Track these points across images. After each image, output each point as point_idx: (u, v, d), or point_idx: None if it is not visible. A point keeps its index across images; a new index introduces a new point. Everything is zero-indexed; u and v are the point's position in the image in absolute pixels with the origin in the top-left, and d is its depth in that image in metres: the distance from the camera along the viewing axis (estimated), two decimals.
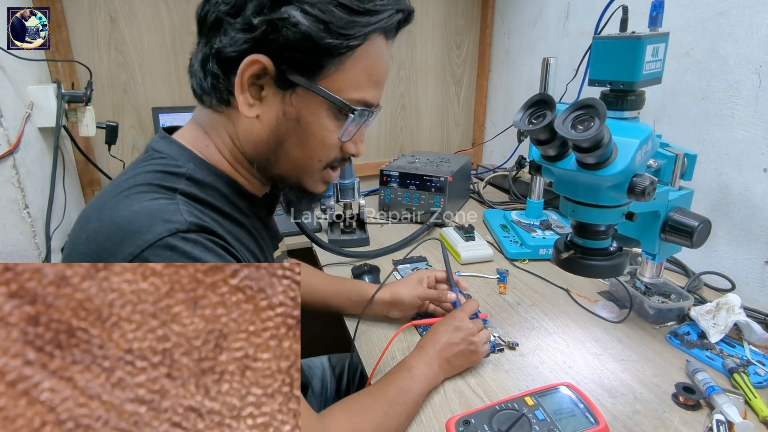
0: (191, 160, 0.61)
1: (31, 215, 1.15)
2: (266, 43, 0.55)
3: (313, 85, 0.58)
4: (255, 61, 0.55)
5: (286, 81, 0.57)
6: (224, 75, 0.58)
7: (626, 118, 0.73)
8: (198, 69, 0.60)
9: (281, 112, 0.59)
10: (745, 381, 0.78)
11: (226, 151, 0.64)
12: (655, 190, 0.65)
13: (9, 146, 1.08)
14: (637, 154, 0.65)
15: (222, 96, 0.60)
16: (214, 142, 0.64)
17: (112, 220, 0.51)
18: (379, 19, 0.58)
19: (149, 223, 0.49)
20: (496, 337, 0.93)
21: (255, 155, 0.63)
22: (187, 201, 0.55)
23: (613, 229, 0.75)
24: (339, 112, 0.61)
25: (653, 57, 0.71)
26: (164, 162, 0.60)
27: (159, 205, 0.52)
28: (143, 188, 0.55)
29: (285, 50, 0.55)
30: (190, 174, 0.59)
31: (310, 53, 0.56)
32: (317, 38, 0.54)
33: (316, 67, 0.57)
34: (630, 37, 0.69)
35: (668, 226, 0.80)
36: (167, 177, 0.57)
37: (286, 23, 0.54)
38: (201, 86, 0.61)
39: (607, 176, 0.65)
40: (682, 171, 0.85)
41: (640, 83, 0.70)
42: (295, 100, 0.59)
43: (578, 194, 0.72)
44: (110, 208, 0.53)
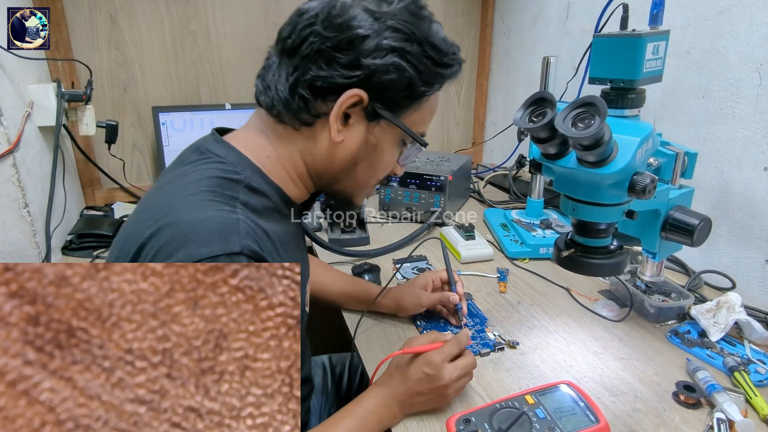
0: (249, 167, 0.65)
1: (31, 214, 1.15)
2: (367, 80, 0.61)
3: (398, 120, 0.66)
4: (356, 95, 0.62)
5: (374, 114, 0.65)
6: (314, 100, 0.63)
7: (627, 117, 0.73)
8: (284, 89, 0.63)
9: (364, 139, 0.66)
10: (745, 379, 0.78)
11: (288, 163, 0.69)
12: (655, 188, 0.65)
13: (9, 145, 1.08)
14: (638, 152, 0.64)
15: (306, 118, 0.65)
16: (277, 152, 0.68)
17: (177, 225, 0.55)
18: (452, 71, 0.67)
19: (208, 238, 0.53)
20: (496, 336, 0.93)
21: (326, 173, 0.70)
22: (245, 211, 0.60)
23: (613, 228, 0.75)
24: (404, 142, 0.70)
25: (653, 55, 0.71)
26: (224, 167, 0.63)
27: (221, 217, 0.56)
28: (207, 194, 0.59)
29: (383, 90, 0.63)
30: (248, 182, 0.63)
31: (403, 95, 0.64)
32: (414, 84, 0.64)
33: (402, 106, 0.66)
34: (630, 35, 0.69)
35: (669, 224, 0.80)
36: (228, 184, 0.62)
37: (393, 69, 0.61)
38: (285, 105, 0.64)
39: (608, 174, 0.64)
40: (682, 169, 0.85)
41: (641, 81, 0.70)
42: (378, 131, 0.67)
43: (579, 192, 0.72)
44: (176, 209, 0.57)
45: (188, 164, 0.65)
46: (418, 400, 0.73)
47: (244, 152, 0.66)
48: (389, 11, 0.61)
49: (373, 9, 0.61)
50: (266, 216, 0.63)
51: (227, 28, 1.66)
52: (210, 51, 1.66)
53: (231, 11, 1.64)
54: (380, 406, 0.72)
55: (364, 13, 0.61)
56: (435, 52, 0.64)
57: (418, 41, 0.62)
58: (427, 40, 0.63)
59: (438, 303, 0.97)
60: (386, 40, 0.60)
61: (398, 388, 0.73)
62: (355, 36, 0.60)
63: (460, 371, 0.74)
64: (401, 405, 0.73)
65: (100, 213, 1.50)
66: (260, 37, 1.70)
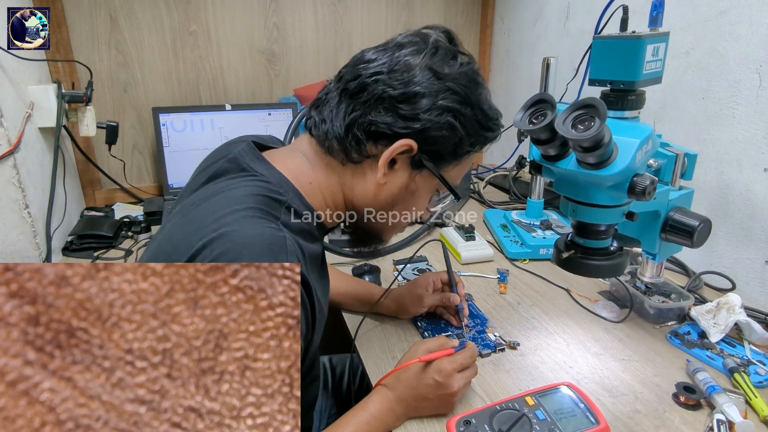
0: (290, 190, 0.68)
1: (31, 215, 1.15)
2: (421, 134, 0.65)
3: (438, 173, 0.70)
4: (408, 144, 0.65)
5: (419, 164, 0.68)
6: (366, 141, 0.66)
7: (627, 118, 0.73)
8: (340, 126, 0.67)
9: (404, 185, 0.70)
10: (745, 380, 0.78)
11: (328, 192, 0.72)
12: (655, 189, 0.65)
13: (9, 146, 1.08)
14: (638, 153, 0.64)
15: (356, 157, 0.68)
16: (319, 180, 0.71)
17: (230, 238, 0.56)
18: (494, 135, 0.72)
19: (260, 254, 0.55)
20: (497, 337, 0.92)
21: (362, 209, 0.73)
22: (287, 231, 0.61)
23: (613, 229, 0.75)
24: (438, 191, 0.74)
25: (653, 57, 0.71)
26: (268, 186, 0.66)
27: (271, 235, 0.58)
28: (255, 211, 0.60)
29: (433, 144, 0.66)
30: (290, 204, 0.65)
31: (449, 151, 0.69)
32: (462, 144, 0.68)
33: (445, 161, 0.70)
34: (630, 36, 0.69)
35: (669, 225, 0.80)
36: (272, 203, 0.64)
37: (446, 127, 0.66)
38: (339, 141, 0.67)
39: (608, 176, 0.64)
40: (682, 171, 0.85)
41: (641, 83, 0.70)
42: (419, 179, 0.71)
43: (579, 194, 0.72)
44: (226, 224, 0.58)
45: (231, 179, 0.67)
46: (423, 405, 0.74)
47: (288, 175, 0.69)
48: (450, 74, 0.66)
49: (436, 69, 0.65)
50: (302, 237, 0.65)
51: (227, 29, 1.66)
52: (210, 51, 1.66)
53: (231, 12, 1.64)
54: (385, 411, 0.73)
55: (427, 72, 0.65)
56: (483, 117, 0.68)
57: (471, 105, 0.67)
58: (478, 105, 0.67)
59: (439, 304, 0.97)
60: (443, 100, 0.65)
61: (406, 392, 0.73)
62: (417, 92, 0.64)
63: (467, 381, 0.76)
64: (406, 409, 0.74)
65: (100, 214, 1.50)
66: (260, 38, 1.70)
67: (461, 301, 0.95)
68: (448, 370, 0.73)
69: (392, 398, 0.73)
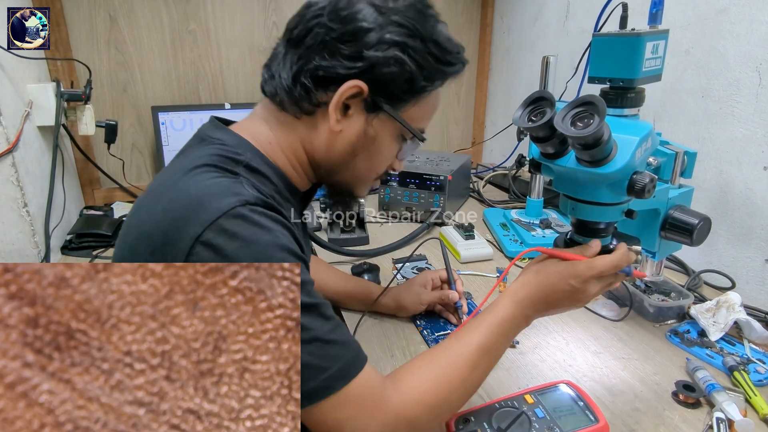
0: (249, 150, 0.66)
1: (30, 214, 1.15)
2: (368, 72, 0.62)
3: (397, 114, 0.67)
4: (356, 86, 0.63)
5: (374, 106, 0.65)
6: (315, 89, 0.64)
7: (626, 116, 0.73)
8: (287, 78, 0.65)
9: (362, 131, 0.67)
10: (745, 379, 0.78)
11: (289, 150, 0.70)
12: (655, 187, 0.65)
13: (8, 145, 1.08)
14: (637, 151, 0.64)
15: (307, 107, 0.66)
16: (278, 139, 0.69)
17: (187, 192, 0.56)
18: (454, 70, 0.69)
19: (222, 195, 0.55)
20: None
21: (325, 162, 0.70)
22: (249, 182, 0.60)
23: (613, 227, 0.75)
24: (402, 136, 0.71)
25: (653, 54, 0.70)
26: (224, 148, 0.64)
27: (227, 181, 0.58)
28: (209, 168, 0.60)
29: (383, 83, 0.63)
30: (248, 162, 0.64)
31: (403, 89, 0.65)
32: (415, 79, 0.65)
33: (402, 100, 0.67)
34: (630, 34, 0.69)
35: (668, 224, 0.80)
36: (227, 161, 0.62)
37: (395, 62, 0.62)
38: (288, 94, 0.66)
39: (607, 173, 0.64)
40: (682, 169, 0.85)
41: (640, 80, 0.69)
42: (376, 123, 0.67)
43: (578, 192, 0.71)
44: (183, 183, 0.58)
45: (191, 149, 0.67)
46: (553, 310, 0.70)
47: (246, 136, 0.67)
48: (395, 7, 0.63)
49: (378, 4, 0.63)
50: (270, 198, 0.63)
51: (227, 28, 1.66)
52: (209, 51, 1.66)
53: (231, 11, 1.64)
54: (517, 316, 0.68)
55: (369, 8, 0.62)
56: (438, 50, 0.65)
57: (422, 38, 0.63)
58: (430, 38, 0.64)
59: (438, 301, 0.97)
60: (389, 34, 0.62)
61: (537, 296, 0.68)
62: (359, 28, 0.61)
63: (603, 287, 0.70)
64: (537, 313, 0.69)
65: (99, 213, 1.50)
66: (260, 37, 1.70)
67: (460, 298, 0.95)
68: (586, 276, 0.67)
69: (525, 304, 0.68)
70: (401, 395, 0.59)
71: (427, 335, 0.93)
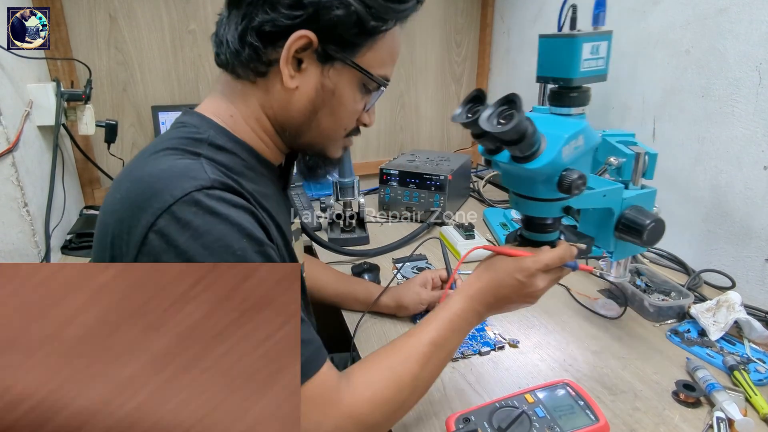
0: (211, 127, 0.64)
1: (30, 214, 1.15)
2: (314, 20, 0.59)
3: (352, 61, 0.63)
4: (303, 36, 0.59)
5: (326, 56, 0.62)
6: (263, 48, 0.61)
7: (571, 115, 0.73)
8: (233, 40, 0.62)
9: (319, 84, 0.64)
10: (745, 378, 0.78)
11: (252, 119, 0.67)
12: (584, 184, 0.66)
13: (8, 144, 1.08)
14: (564, 148, 0.65)
15: (259, 68, 0.63)
16: (239, 110, 0.67)
17: (141, 179, 0.55)
18: (408, 6, 0.64)
19: (176, 180, 0.53)
20: (497, 335, 0.92)
21: (287, 124, 0.67)
22: (211, 163, 0.58)
23: (559, 224, 0.76)
24: (365, 86, 0.67)
25: (592, 55, 0.71)
26: (185, 131, 0.63)
27: (185, 164, 0.56)
28: (169, 151, 0.59)
29: (331, 28, 0.60)
30: (211, 140, 0.62)
31: (353, 33, 0.61)
32: (363, 20, 0.60)
33: (355, 45, 0.63)
34: (566, 35, 0.70)
35: (621, 223, 0.81)
36: (190, 142, 0.61)
37: (338, 4, 0.59)
38: (237, 57, 0.63)
39: (534, 169, 0.66)
40: (643, 170, 0.86)
41: (578, 80, 0.71)
42: (333, 74, 0.64)
43: (518, 187, 0.73)
44: (139, 169, 0.57)
45: (158, 137, 0.66)
46: (505, 305, 0.70)
47: (209, 115, 0.66)
48: None
49: None
50: (238, 174, 0.62)
51: None
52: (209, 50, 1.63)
53: None
54: (468, 311, 0.68)
55: None
56: None
57: None
58: None
59: (438, 300, 0.97)
60: None
61: (488, 291, 0.69)
62: None
63: (551, 281, 0.70)
64: (488, 309, 0.70)
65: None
66: None
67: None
68: (532, 270, 0.68)
69: (476, 299, 0.69)
70: (354, 394, 0.59)
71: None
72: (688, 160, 1.17)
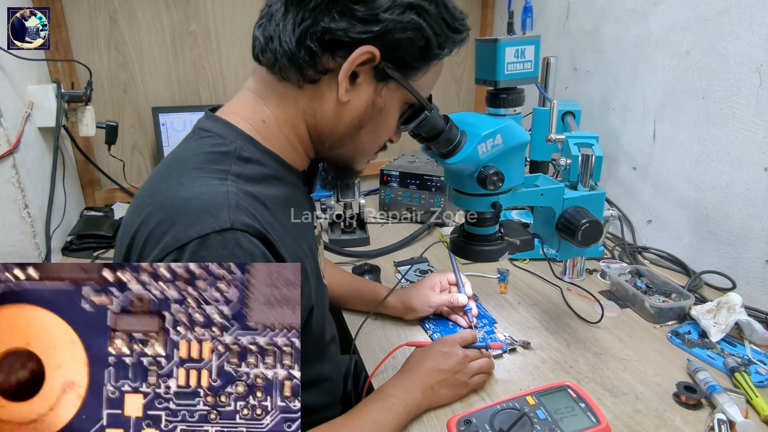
0: (240, 137, 0.62)
1: (31, 215, 1.15)
2: (383, 38, 0.57)
3: (407, 83, 0.62)
4: (368, 52, 0.58)
5: (384, 74, 0.61)
6: (322, 54, 0.58)
7: (503, 115, 0.78)
8: (290, 41, 0.58)
9: (370, 101, 0.63)
10: (746, 380, 0.78)
11: (287, 125, 0.65)
12: (501, 181, 0.71)
13: (9, 146, 1.08)
14: (479, 145, 0.69)
15: (312, 74, 0.60)
16: (274, 114, 0.64)
17: (163, 208, 0.53)
18: (462, 37, 0.64)
19: (196, 216, 0.51)
20: (507, 336, 0.92)
21: (328, 135, 0.66)
22: (238, 182, 0.57)
23: (497, 219, 0.80)
24: (407, 107, 0.67)
25: (517, 58, 0.75)
26: (212, 142, 0.61)
27: (210, 193, 0.54)
28: (194, 172, 0.56)
29: (397, 49, 0.59)
30: (239, 153, 0.60)
31: (416, 57, 0.61)
32: (431, 46, 0.61)
33: (413, 69, 0.62)
34: (490, 40, 0.74)
35: (560, 223, 0.83)
36: (217, 157, 0.59)
37: (411, 27, 0.58)
38: (290, 59, 0.59)
39: (450, 164, 0.70)
40: (590, 171, 0.89)
41: (504, 82, 0.75)
42: (386, 93, 0.63)
43: (452, 182, 0.79)
44: (163, 192, 0.55)
45: (181, 145, 0.64)
46: (437, 381, 0.75)
47: (237, 121, 0.63)
48: None
49: None
50: (263, 183, 0.61)
51: (227, 29, 1.65)
52: (210, 51, 1.65)
53: (231, 11, 1.64)
54: (402, 391, 0.72)
55: None
56: (449, 15, 0.61)
57: (435, 2, 0.60)
58: (442, 2, 0.60)
59: (447, 304, 0.96)
60: None
61: (418, 372, 0.75)
62: None
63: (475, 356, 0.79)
64: (423, 390, 0.74)
65: (100, 213, 1.50)
66: None
67: (470, 301, 0.95)
68: (450, 341, 0.78)
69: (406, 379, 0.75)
70: None
71: (436, 339, 0.93)
72: (688, 161, 1.17)
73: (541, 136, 1.12)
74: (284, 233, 0.60)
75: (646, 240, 1.32)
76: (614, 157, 1.39)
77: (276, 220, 0.60)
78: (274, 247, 0.56)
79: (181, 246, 0.50)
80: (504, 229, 0.83)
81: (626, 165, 1.36)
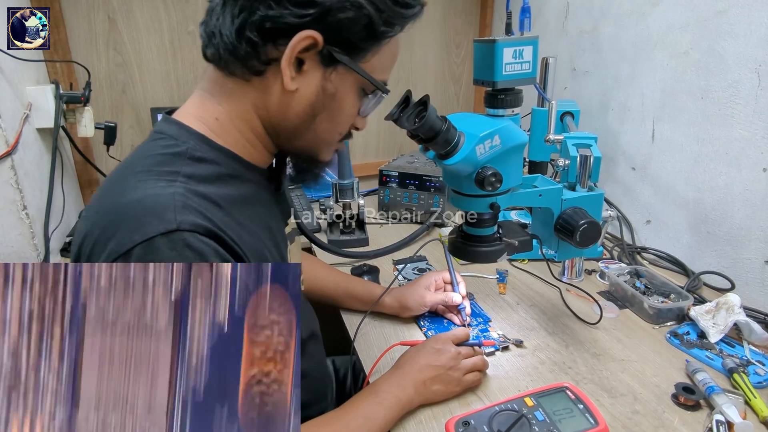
0: (192, 137, 0.61)
1: (29, 216, 1.15)
2: (321, 20, 0.56)
3: (356, 65, 0.60)
4: (309, 36, 0.56)
5: (330, 59, 0.59)
6: (263, 44, 0.57)
7: (501, 116, 0.77)
8: (229, 34, 0.58)
9: (320, 87, 0.61)
10: (744, 381, 0.78)
11: (240, 121, 0.64)
12: (499, 182, 0.71)
13: (7, 147, 1.08)
14: (477, 146, 0.69)
15: (256, 66, 0.59)
16: (227, 111, 0.63)
17: (107, 214, 0.52)
18: (414, 12, 0.62)
19: (140, 220, 0.50)
20: (500, 335, 0.92)
21: (282, 127, 0.64)
22: (188, 183, 0.55)
23: (495, 220, 0.80)
24: (364, 91, 0.65)
25: (515, 59, 0.75)
26: (164, 143, 0.60)
27: (154, 195, 0.52)
28: (142, 175, 0.55)
29: (338, 30, 0.57)
30: (191, 153, 0.59)
31: (361, 36, 0.59)
32: (374, 24, 0.58)
33: (361, 50, 0.60)
34: (489, 40, 0.74)
35: (558, 224, 0.83)
36: (168, 159, 0.58)
37: (351, 6, 0.56)
38: (232, 53, 0.58)
39: (448, 165, 0.70)
40: (588, 173, 0.89)
41: (502, 83, 0.75)
42: (335, 78, 0.61)
43: (450, 183, 0.78)
44: (109, 197, 0.54)
45: (134, 151, 0.62)
46: (430, 377, 0.76)
47: (189, 121, 0.62)
48: None
49: None
50: (219, 182, 0.59)
51: None
52: None
53: None
54: (395, 387, 0.73)
55: None
56: None
57: None
58: None
59: (441, 303, 0.97)
60: None
61: (410, 368, 0.76)
62: None
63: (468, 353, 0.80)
64: (415, 386, 0.74)
65: None
66: None
67: (464, 300, 0.95)
68: (443, 338, 0.79)
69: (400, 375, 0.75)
70: None
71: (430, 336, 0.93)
72: (687, 161, 1.17)
73: (540, 137, 1.12)
74: (242, 232, 0.59)
75: (645, 240, 1.32)
76: (613, 157, 1.39)
77: (232, 219, 0.58)
78: (229, 245, 0.55)
79: (127, 251, 0.48)
80: (502, 230, 0.83)
81: (625, 165, 1.36)
